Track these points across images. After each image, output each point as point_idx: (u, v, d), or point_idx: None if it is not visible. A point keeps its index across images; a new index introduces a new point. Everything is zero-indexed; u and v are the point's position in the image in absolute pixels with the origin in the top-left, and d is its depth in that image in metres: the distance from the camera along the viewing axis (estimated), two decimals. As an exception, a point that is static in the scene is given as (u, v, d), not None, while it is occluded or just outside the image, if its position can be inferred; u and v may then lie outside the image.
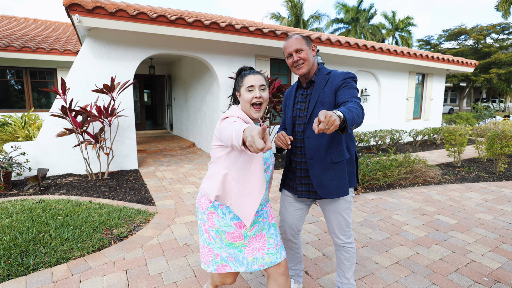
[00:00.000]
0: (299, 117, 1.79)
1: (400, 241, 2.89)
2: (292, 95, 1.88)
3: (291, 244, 2.01)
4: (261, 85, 1.53)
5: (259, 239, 1.58)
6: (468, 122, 11.00)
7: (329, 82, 1.71)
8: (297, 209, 1.92)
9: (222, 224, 1.53)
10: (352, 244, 1.89)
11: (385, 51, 7.82)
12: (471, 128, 6.36)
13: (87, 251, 2.62)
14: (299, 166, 1.80)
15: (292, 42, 1.71)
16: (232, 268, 1.59)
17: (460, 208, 3.77)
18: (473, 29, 22.60)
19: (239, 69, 1.64)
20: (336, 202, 1.79)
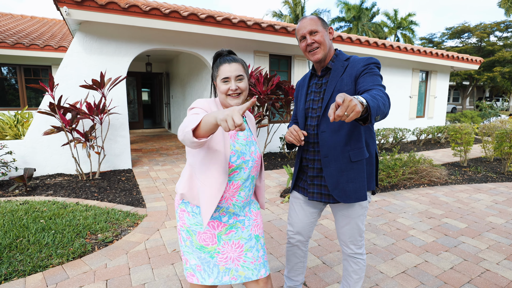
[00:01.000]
0: (312, 109, 1.57)
1: (407, 247, 2.68)
2: (305, 85, 1.66)
3: (297, 251, 1.78)
4: (238, 76, 1.36)
5: (235, 248, 1.39)
6: (472, 121, 10.74)
7: (348, 69, 1.48)
8: (309, 213, 1.69)
9: (193, 223, 1.38)
10: (363, 256, 1.67)
11: (388, 47, 7.59)
12: (477, 127, 6.13)
13: (66, 258, 2.41)
14: (311, 164, 1.59)
15: (306, 23, 1.49)
16: (199, 279, 1.38)
17: (469, 211, 3.55)
18: (476, 27, 22.29)
19: (216, 54, 1.44)
20: (351, 208, 1.57)
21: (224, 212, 1.40)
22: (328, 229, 3.02)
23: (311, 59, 1.53)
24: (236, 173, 1.36)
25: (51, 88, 4.05)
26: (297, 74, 7.07)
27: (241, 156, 1.36)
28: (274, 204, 3.71)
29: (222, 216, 1.40)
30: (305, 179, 1.65)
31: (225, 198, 1.37)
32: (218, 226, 1.39)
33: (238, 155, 1.35)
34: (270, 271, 1.50)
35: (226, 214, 1.40)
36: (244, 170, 1.38)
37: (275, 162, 5.98)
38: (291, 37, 6.12)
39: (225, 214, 1.40)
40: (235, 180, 1.37)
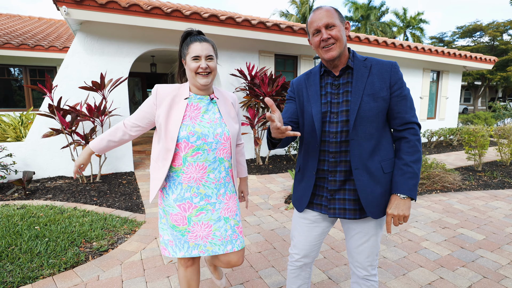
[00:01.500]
0: (332, 113, 1.35)
1: (420, 261, 2.49)
2: (313, 85, 1.41)
3: (302, 273, 1.58)
4: (208, 56, 1.42)
5: (204, 228, 1.50)
6: (486, 122, 10.39)
7: (375, 72, 1.32)
8: (318, 234, 1.48)
9: (166, 204, 1.51)
10: (377, 277, 1.48)
11: (397, 47, 7.35)
12: (493, 129, 5.85)
13: (58, 269, 2.29)
14: (331, 176, 1.37)
15: (321, 14, 1.29)
16: (170, 253, 1.53)
17: (487, 220, 3.33)
18: (489, 25, 21.74)
19: (185, 33, 1.46)
20: (373, 222, 1.39)
21: (195, 193, 1.47)
22: (335, 240, 2.85)
23: (325, 56, 1.32)
24: (200, 154, 1.44)
25: (49, 89, 3.96)
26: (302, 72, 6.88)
27: (201, 138, 1.42)
28: (278, 211, 3.55)
29: (194, 197, 1.47)
30: (320, 194, 1.42)
31: (194, 179, 1.45)
32: (189, 208, 1.47)
33: (198, 136, 1.42)
34: (240, 247, 1.54)
35: (198, 195, 1.47)
36: (207, 152, 1.44)
37: (280, 166, 5.81)
38: (297, 37, 5.94)
39: (196, 196, 1.47)
40: (200, 161, 1.45)
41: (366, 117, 1.29)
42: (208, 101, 1.51)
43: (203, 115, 1.46)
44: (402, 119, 1.32)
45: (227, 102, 1.57)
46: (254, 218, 3.33)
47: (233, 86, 6.02)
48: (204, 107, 1.49)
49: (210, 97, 1.52)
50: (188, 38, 1.45)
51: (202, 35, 1.46)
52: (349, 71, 1.36)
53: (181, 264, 1.63)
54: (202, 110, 1.48)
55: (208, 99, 1.51)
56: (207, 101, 1.51)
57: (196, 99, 1.48)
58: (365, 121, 1.29)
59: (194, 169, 1.44)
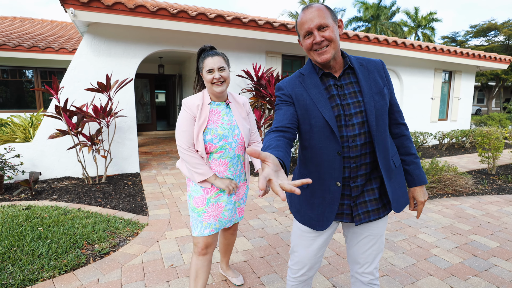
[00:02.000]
0: (346, 115, 1.23)
1: (429, 269, 2.38)
2: (314, 86, 1.27)
3: (304, 286, 1.49)
4: (220, 67, 1.65)
5: (217, 207, 1.76)
6: (501, 124, 10.07)
7: (372, 69, 1.31)
8: (323, 244, 1.39)
9: (193, 190, 1.77)
10: (378, 280, 1.43)
11: (408, 46, 7.19)
12: (508, 131, 5.65)
13: (58, 271, 2.28)
14: (353, 183, 1.28)
15: (312, 14, 1.18)
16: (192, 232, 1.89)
17: (501, 227, 3.18)
18: (504, 24, 21.17)
19: (200, 50, 1.72)
20: (382, 222, 1.35)
21: None
22: (340, 245, 2.76)
23: (318, 60, 1.23)
24: (222, 153, 1.71)
25: (55, 91, 3.99)
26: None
27: (223, 139, 1.69)
28: (283, 214, 3.47)
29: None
30: (341, 203, 1.31)
31: (219, 172, 1.74)
32: (210, 191, 1.74)
33: (220, 138, 1.68)
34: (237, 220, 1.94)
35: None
36: (229, 150, 1.72)
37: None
38: (304, 37, 5.86)
39: None
40: (223, 158, 1.73)
41: (380, 116, 1.26)
42: (225, 106, 1.77)
43: (223, 117, 1.73)
44: (399, 112, 1.39)
45: (239, 105, 1.83)
46: (258, 222, 3.27)
47: (240, 87, 5.98)
48: (223, 111, 1.75)
49: (226, 102, 1.78)
50: (202, 54, 1.71)
51: (214, 49, 1.73)
52: (349, 71, 1.29)
53: (195, 252, 1.78)
54: (222, 114, 1.74)
55: (224, 104, 1.78)
56: (225, 106, 1.77)
57: (215, 105, 1.74)
58: (380, 119, 1.26)
59: (218, 163, 1.73)
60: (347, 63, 1.27)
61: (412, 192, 1.40)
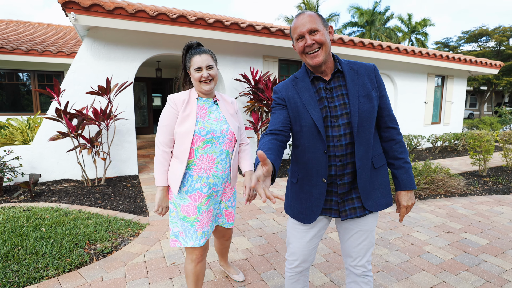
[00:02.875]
0: (332, 117, 1.34)
1: (422, 265, 2.48)
2: (306, 90, 1.38)
3: (301, 278, 1.58)
4: (208, 65, 1.63)
5: (209, 213, 1.71)
6: (492, 128, 10.29)
7: (362, 73, 1.38)
8: (316, 237, 1.49)
9: (177, 197, 1.68)
10: (371, 272, 1.52)
11: (401, 52, 7.36)
12: (498, 134, 5.81)
13: (63, 270, 2.33)
14: (339, 180, 1.37)
15: (304, 20, 1.29)
16: (182, 243, 1.71)
17: (491, 225, 3.30)
18: (495, 30, 21.65)
19: (186, 46, 1.68)
20: (370, 218, 1.43)
21: (205, 183, 1.67)
22: (337, 243, 2.85)
23: (310, 62, 1.33)
24: (209, 147, 1.66)
25: (57, 94, 4.04)
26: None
27: (210, 132, 1.64)
28: (281, 215, 3.56)
29: (203, 187, 1.67)
30: (329, 199, 1.42)
31: (204, 169, 1.67)
32: (198, 198, 1.67)
33: (208, 131, 1.64)
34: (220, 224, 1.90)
35: (207, 185, 1.68)
36: (216, 145, 1.67)
37: (283, 169, 5.82)
38: (300, 42, 5.99)
39: (206, 185, 1.68)
40: (209, 153, 1.66)
41: (365, 118, 1.33)
42: (212, 103, 1.75)
43: (210, 114, 1.70)
44: (390, 116, 1.43)
45: (227, 104, 1.82)
46: (257, 222, 3.35)
47: (237, 91, 6.08)
48: (209, 108, 1.73)
49: (213, 99, 1.76)
50: (189, 51, 1.67)
51: (201, 46, 1.69)
52: (339, 74, 1.38)
53: (192, 260, 1.75)
54: (208, 110, 1.72)
55: (212, 101, 1.75)
56: (211, 103, 1.75)
57: (202, 101, 1.72)
58: (364, 121, 1.33)
59: (205, 160, 1.66)
60: (337, 67, 1.37)
61: (397, 196, 1.45)
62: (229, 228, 1.95)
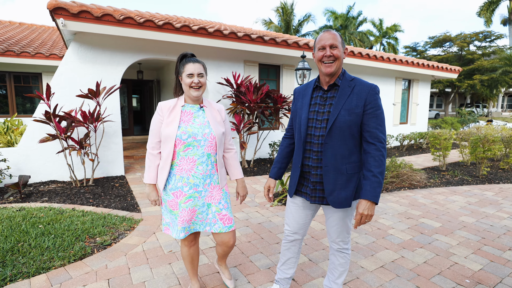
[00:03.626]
0: (317, 120, 1.70)
1: (386, 245, 2.92)
2: (307, 95, 1.77)
3: (292, 248, 1.98)
4: (199, 73, 1.79)
5: (190, 213, 1.85)
6: (453, 127, 11.25)
7: (355, 91, 1.63)
8: (304, 215, 1.87)
9: (164, 193, 1.89)
10: (349, 250, 1.88)
11: (372, 57, 7.96)
12: (455, 133, 6.51)
13: (68, 260, 2.54)
14: (314, 171, 1.72)
15: (329, 36, 1.63)
16: (171, 233, 1.90)
17: (445, 211, 3.83)
18: (457, 36, 23.29)
19: (181, 55, 1.85)
20: (342, 211, 1.76)
21: (186, 183, 1.82)
22: (315, 230, 3.24)
23: (324, 70, 1.64)
24: (190, 150, 1.80)
25: (47, 97, 4.16)
26: (285, 83, 7.34)
27: (192, 136, 1.79)
28: (264, 208, 3.91)
29: (184, 186, 1.83)
30: (306, 184, 1.78)
31: (185, 170, 1.81)
32: (179, 195, 1.83)
33: (189, 135, 1.78)
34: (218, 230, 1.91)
35: (188, 185, 1.82)
36: (197, 148, 1.81)
37: (265, 168, 6.19)
38: (279, 48, 6.39)
39: (186, 185, 1.82)
40: (191, 155, 1.81)
41: (340, 127, 1.64)
42: (198, 109, 1.89)
43: (195, 119, 1.84)
44: (371, 133, 1.60)
45: (213, 110, 1.95)
46: (242, 214, 3.68)
47: (220, 94, 6.38)
48: (195, 113, 1.87)
49: (200, 105, 1.90)
50: (184, 59, 1.83)
51: (194, 57, 1.86)
52: (336, 87, 1.71)
53: (185, 245, 1.99)
54: (193, 115, 1.85)
55: (198, 107, 1.89)
56: (198, 108, 1.89)
57: (188, 107, 1.87)
58: (338, 130, 1.64)
59: (185, 162, 1.81)
60: (334, 81, 1.70)
61: (358, 203, 1.61)
62: (229, 232, 1.92)
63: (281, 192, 4.42)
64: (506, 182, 5.35)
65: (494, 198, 4.39)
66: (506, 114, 30.61)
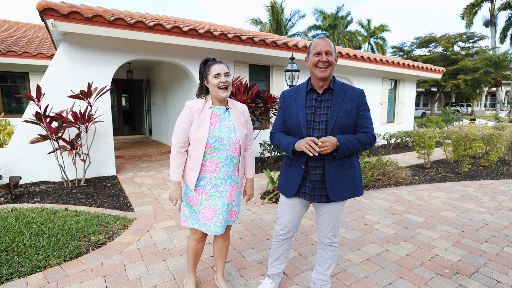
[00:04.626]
0: (315, 121, 1.80)
1: (372, 239, 3.06)
2: (301, 98, 1.86)
3: (284, 245, 2.08)
4: (226, 73, 1.83)
5: (211, 211, 1.90)
6: (437, 126, 11.60)
7: (348, 95, 1.80)
8: (298, 215, 1.97)
9: (186, 188, 1.95)
10: (337, 244, 2.01)
11: (359, 58, 8.16)
12: (439, 131, 6.76)
13: (63, 259, 2.59)
14: (313, 171, 1.82)
15: (325, 43, 1.75)
16: (190, 224, 1.99)
17: (428, 207, 4.02)
18: (442, 37, 23.91)
19: (204, 60, 1.92)
20: (336, 204, 1.88)
21: (208, 182, 1.90)
22: (304, 226, 3.37)
23: (318, 75, 1.76)
24: (215, 153, 1.86)
25: (38, 97, 4.16)
26: (275, 83, 7.46)
27: (218, 140, 1.84)
28: (255, 206, 4.01)
29: (207, 185, 1.90)
30: (304, 184, 1.87)
31: (209, 171, 1.88)
32: (202, 193, 1.90)
33: (216, 139, 1.83)
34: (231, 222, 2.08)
35: (210, 184, 1.90)
36: (222, 151, 1.86)
37: (255, 167, 6.29)
38: (269, 49, 6.50)
39: (208, 184, 1.90)
40: (215, 158, 1.87)
41: (339, 128, 1.79)
42: (224, 111, 1.92)
43: (221, 121, 1.87)
44: (365, 128, 1.82)
45: (238, 112, 1.98)
46: (234, 212, 3.77)
47: (211, 93, 6.44)
48: (221, 115, 1.90)
49: (226, 107, 1.93)
50: (207, 62, 1.89)
51: (216, 60, 1.90)
52: (330, 91, 1.84)
53: (194, 239, 2.04)
54: (220, 118, 1.89)
55: (224, 109, 1.92)
56: (224, 110, 1.92)
57: (215, 109, 1.90)
58: (338, 130, 1.79)
59: (210, 163, 1.87)
60: (328, 85, 1.83)
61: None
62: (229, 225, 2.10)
63: (271, 190, 4.54)
64: (486, 178, 5.60)
65: (474, 194, 4.62)
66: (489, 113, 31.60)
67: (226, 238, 2.14)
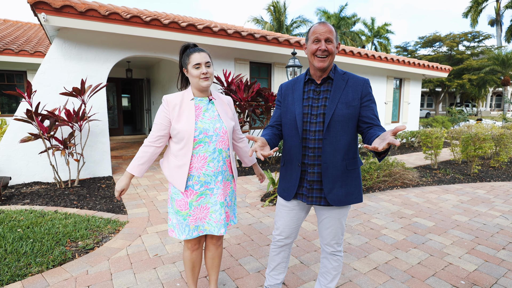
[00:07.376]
0: (312, 114, 1.60)
1: (379, 245, 2.85)
2: (298, 90, 1.66)
3: (282, 253, 1.85)
4: (207, 62, 1.67)
5: (202, 210, 1.74)
6: (443, 126, 11.33)
7: (350, 84, 1.58)
8: (296, 218, 1.75)
9: (173, 192, 1.75)
10: (342, 253, 1.78)
11: (363, 56, 7.94)
12: (446, 131, 6.51)
13: (46, 266, 2.40)
14: (310, 169, 1.61)
15: (325, 28, 1.52)
16: (177, 235, 1.77)
17: (437, 210, 3.79)
18: (446, 36, 23.58)
19: (184, 46, 1.73)
20: (339, 209, 1.66)
21: (196, 181, 1.71)
22: (306, 231, 3.16)
23: (317, 65, 1.55)
24: (201, 146, 1.69)
25: (28, 94, 3.99)
26: (277, 81, 7.25)
27: (203, 132, 1.67)
28: (255, 208, 3.81)
29: (195, 184, 1.71)
30: (301, 184, 1.66)
31: (196, 168, 1.69)
32: (190, 194, 1.71)
33: (200, 131, 1.67)
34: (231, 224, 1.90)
35: (198, 183, 1.71)
36: (208, 144, 1.69)
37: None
38: (270, 46, 6.30)
39: (197, 183, 1.71)
40: (201, 153, 1.69)
41: (338, 121, 1.56)
42: (207, 102, 1.76)
43: (204, 113, 1.72)
44: (372, 119, 1.56)
45: (223, 103, 1.84)
46: (233, 215, 3.57)
47: (210, 92, 6.25)
48: (204, 107, 1.74)
49: (209, 98, 1.77)
50: (187, 50, 1.71)
51: (197, 47, 1.72)
52: (330, 81, 1.62)
53: (188, 248, 1.84)
54: (203, 109, 1.73)
55: (207, 100, 1.76)
56: (207, 101, 1.76)
57: (197, 101, 1.74)
58: (337, 124, 1.56)
59: (196, 159, 1.69)
60: (328, 74, 1.61)
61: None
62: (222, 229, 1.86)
63: (272, 192, 4.33)
64: (497, 180, 5.36)
65: (486, 196, 4.38)
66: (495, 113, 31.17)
67: (218, 246, 1.94)
